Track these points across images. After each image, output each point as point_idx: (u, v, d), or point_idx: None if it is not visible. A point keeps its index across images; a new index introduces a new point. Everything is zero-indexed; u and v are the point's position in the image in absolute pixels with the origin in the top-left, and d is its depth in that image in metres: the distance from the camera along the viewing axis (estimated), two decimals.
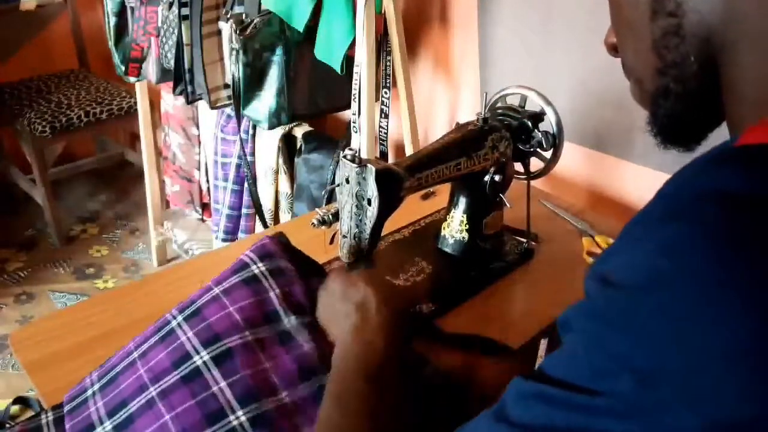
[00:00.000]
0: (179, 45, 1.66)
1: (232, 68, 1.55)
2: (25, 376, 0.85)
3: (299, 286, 0.77)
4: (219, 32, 1.62)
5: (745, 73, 0.44)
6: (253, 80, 1.58)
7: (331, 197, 1.71)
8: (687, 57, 0.47)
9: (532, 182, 1.08)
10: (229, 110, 1.83)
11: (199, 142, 2.20)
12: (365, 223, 0.83)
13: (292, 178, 1.82)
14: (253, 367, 0.70)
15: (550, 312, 0.89)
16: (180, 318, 0.75)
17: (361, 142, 1.51)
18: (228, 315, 0.73)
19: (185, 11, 1.61)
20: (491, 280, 1.02)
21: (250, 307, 0.74)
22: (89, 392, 0.75)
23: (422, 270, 1.03)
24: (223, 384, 0.68)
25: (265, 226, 1.85)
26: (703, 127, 0.52)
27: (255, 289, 0.76)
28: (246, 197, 1.93)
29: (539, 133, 1.00)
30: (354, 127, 1.51)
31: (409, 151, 1.63)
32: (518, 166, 1.05)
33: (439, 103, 1.80)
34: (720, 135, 0.48)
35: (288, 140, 1.80)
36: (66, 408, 0.75)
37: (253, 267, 0.77)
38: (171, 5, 1.66)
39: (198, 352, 0.70)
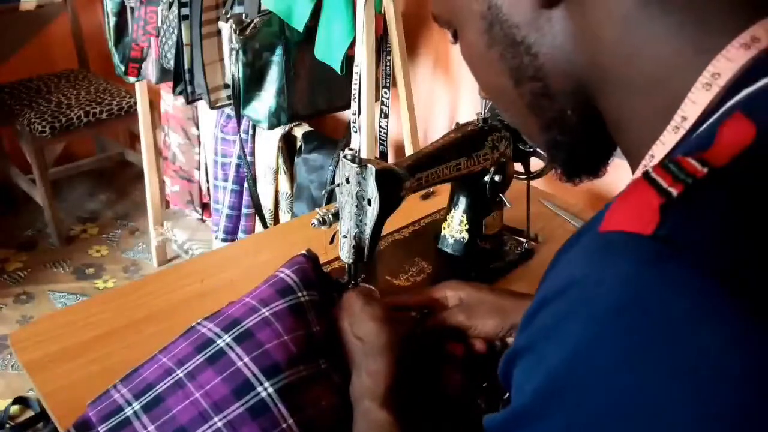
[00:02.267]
0: (179, 45, 1.66)
1: (232, 68, 1.55)
2: (25, 376, 0.85)
3: (328, 324, 0.77)
4: (219, 32, 1.62)
5: (624, 116, 0.43)
6: (253, 80, 1.58)
7: (331, 197, 1.71)
8: (564, 112, 0.46)
9: (532, 182, 1.08)
10: (229, 110, 1.83)
11: (199, 142, 2.20)
12: (365, 223, 0.83)
13: (292, 178, 1.82)
14: (314, 403, 0.70)
15: None
16: (228, 338, 0.73)
17: (361, 142, 1.51)
18: (284, 344, 0.71)
19: (185, 11, 1.61)
20: (491, 280, 1.02)
21: (301, 339, 0.73)
22: (129, 412, 0.72)
23: (422, 270, 1.03)
24: (291, 421, 0.67)
25: (265, 226, 1.85)
26: (604, 156, 0.51)
27: (303, 321, 0.74)
28: (246, 197, 1.94)
29: None
30: (354, 127, 1.51)
31: (409, 151, 1.63)
32: (518, 166, 1.05)
33: (439, 103, 1.80)
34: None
35: (288, 140, 1.80)
36: (103, 429, 0.72)
37: (299, 294, 0.76)
38: (171, 5, 1.66)
39: (261, 383, 0.69)
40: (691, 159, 0.35)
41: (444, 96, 1.77)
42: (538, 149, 1.02)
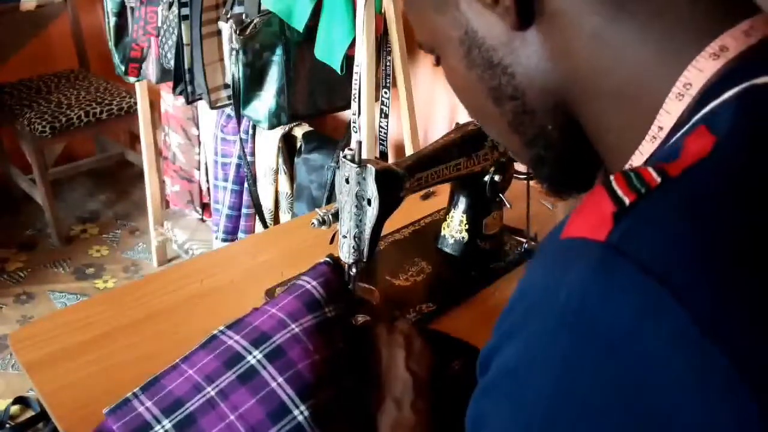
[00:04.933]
0: (179, 45, 1.66)
1: (232, 68, 1.55)
2: (25, 376, 0.85)
3: (349, 339, 0.76)
4: (219, 32, 1.62)
5: (604, 128, 0.45)
6: (253, 80, 1.58)
7: (331, 197, 1.70)
8: (545, 127, 0.48)
9: (532, 182, 1.08)
10: (229, 110, 1.83)
11: (199, 142, 2.20)
12: (365, 223, 0.83)
13: (292, 178, 1.82)
14: (343, 426, 0.69)
15: None
16: (259, 355, 0.71)
17: (361, 142, 1.51)
18: (315, 364, 0.70)
19: (185, 11, 1.61)
20: (491, 280, 1.02)
21: (328, 359, 0.72)
22: (160, 430, 0.69)
23: (422, 270, 1.03)
24: None
25: (265, 226, 1.85)
26: (590, 171, 0.53)
27: (329, 339, 0.73)
28: (246, 197, 1.93)
29: None
30: (354, 127, 1.51)
31: (409, 151, 1.63)
32: (518, 166, 1.05)
33: (439, 103, 1.80)
34: None
35: (288, 140, 1.80)
36: None
37: (326, 309, 0.75)
38: (171, 5, 1.66)
39: (297, 406, 0.67)
40: (652, 169, 0.36)
41: (444, 96, 1.77)
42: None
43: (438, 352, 0.75)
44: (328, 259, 0.80)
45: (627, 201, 0.35)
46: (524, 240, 1.09)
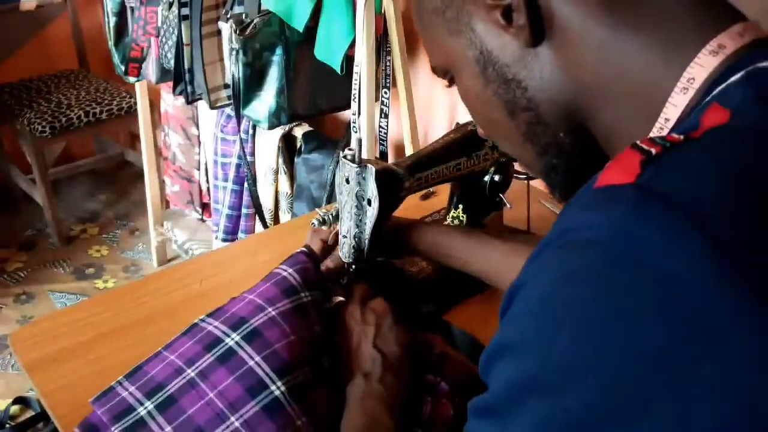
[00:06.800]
0: (179, 45, 1.66)
1: (232, 68, 1.55)
2: (25, 376, 0.85)
3: (327, 323, 0.78)
4: (219, 32, 1.62)
5: (614, 129, 0.48)
6: (253, 80, 1.58)
7: (331, 197, 1.70)
8: (557, 135, 0.51)
9: (532, 182, 1.08)
10: (229, 110, 1.83)
11: (199, 142, 2.20)
12: (365, 223, 0.83)
13: (292, 178, 1.82)
14: (321, 402, 0.71)
15: None
16: (237, 337, 0.73)
17: (361, 139, 1.51)
18: (292, 344, 0.72)
19: (185, 11, 1.61)
20: None
21: (305, 341, 0.74)
22: (143, 412, 0.71)
23: (422, 270, 1.03)
24: (304, 419, 0.69)
25: (265, 226, 1.85)
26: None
27: (306, 322, 0.75)
28: (246, 197, 1.94)
29: None
30: (354, 127, 1.51)
31: (409, 151, 1.63)
32: (518, 166, 1.05)
33: (439, 103, 1.80)
34: None
35: (288, 140, 1.80)
36: (117, 430, 0.71)
37: (303, 294, 0.77)
38: (171, 5, 1.66)
39: (274, 382, 0.69)
40: (675, 134, 0.41)
41: (444, 96, 1.77)
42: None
43: (413, 330, 0.77)
44: (304, 249, 0.82)
45: (654, 151, 0.39)
46: None
